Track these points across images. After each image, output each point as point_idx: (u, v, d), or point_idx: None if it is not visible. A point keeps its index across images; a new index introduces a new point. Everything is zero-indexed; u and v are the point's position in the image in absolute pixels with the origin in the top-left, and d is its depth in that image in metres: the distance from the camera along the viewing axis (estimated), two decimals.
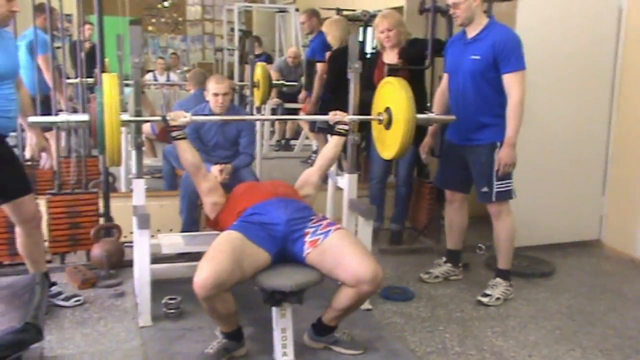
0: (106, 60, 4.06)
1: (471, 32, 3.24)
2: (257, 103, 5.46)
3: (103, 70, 3.76)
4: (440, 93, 3.53)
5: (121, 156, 2.74)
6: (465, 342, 2.93)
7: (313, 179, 3.06)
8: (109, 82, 2.63)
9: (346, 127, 3.09)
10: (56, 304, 3.12)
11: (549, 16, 4.09)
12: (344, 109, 3.15)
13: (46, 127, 3.81)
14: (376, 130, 3.21)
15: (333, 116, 3.10)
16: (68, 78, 4.63)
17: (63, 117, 2.75)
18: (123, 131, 5.01)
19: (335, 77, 4.63)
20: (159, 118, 2.89)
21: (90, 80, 4.15)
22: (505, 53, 3.13)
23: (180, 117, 2.85)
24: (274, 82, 5.92)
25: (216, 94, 3.70)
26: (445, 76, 3.49)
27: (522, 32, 3.94)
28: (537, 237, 4.23)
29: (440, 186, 3.71)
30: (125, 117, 2.83)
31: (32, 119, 2.88)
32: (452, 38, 3.46)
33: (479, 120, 3.26)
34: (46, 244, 3.44)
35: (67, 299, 3.15)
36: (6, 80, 2.73)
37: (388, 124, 3.02)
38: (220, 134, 3.85)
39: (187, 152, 2.86)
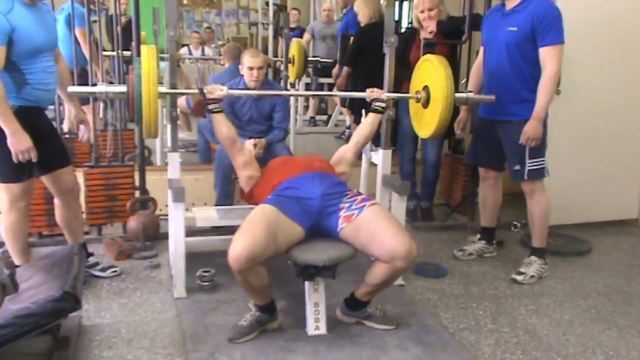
0: (142, 33, 4.08)
1: (510, 4, 3.15)
2: (291, 79, 5.45)
3: (139, 43, 3.80)
4: (477, 67, 3.46)
5: (157, 128, 2.75)
6: (499, 320, 2.91)
7: (348, 156, 3.04)
8: (147, 54, 2.65)
9: (383, 105, 3.05)
10: (93, 274, 3.19)
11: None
12: (366, 83, 3.11)
13: (84, 101, 3.86)
14: (413, 108, 3.17)
15: (370, 93, 3.07)
16: (105, 51, 4.67)
17: (101, 87, 2.78)
18: (159, 103, 5.09)
19: (357, 51, 4.59)
20: (196, 91, 2.89)
21: (127, 53, 4.18)
22: (543, 25, 3.04)
23: (217, 90, 2.85)
24: (310, 58, 5.91)
25: (251, 68, 3.71)
26: (482, 49, 3.41)
27: (563, 9, 3.85)
28: (574, 215, 4.16)
29: (472, 163, 3.65)
30: (163, 89, 2.85)
31: (71, 88, 2.90)
32: (490, 10, 3.37)
33: (512, 94, 3.18)
34: (84, 215, 3.51)
35: (104, 269, 3.22)
36: (45, 53, 2.77)
37: (426, 103, 2.98)
38: (255, 108, 3.86)
39: (222, 125, 2.86)
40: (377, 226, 2.51)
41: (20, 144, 2.60)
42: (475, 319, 2.91)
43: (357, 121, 4.47)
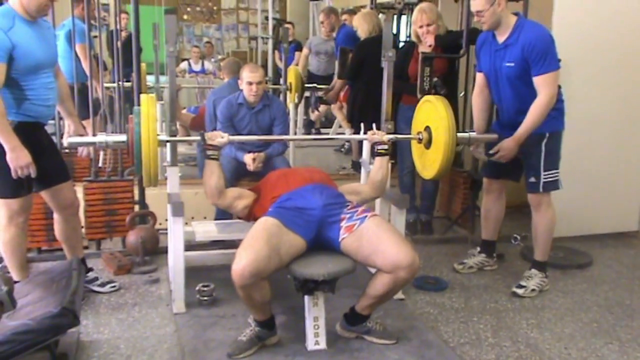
0: (142, 65, 4.09)
1: (501, 37, 3.15)
2: (290, 101, 5.50)
3: (139, 59, 3.82)
4: (478, 93, 3.41)
5: (158, 176, 2.76)
6: (500, 334, 2.89)
7: (363, 190, 3.02)
8: (146, 103, 2.65)
9: (386, 147, 3.03)
10: (92, 289, 3.18)
11: (588, 2, 3.97)
12: (367, 98, 3.11)
13: (84, 115, 3.87)
14: (415, 148, 3.17)
15: (372, 136, 3.06)
16: (105, 68, 4.70)
17: (101, 137, 2.79)
18: (159, 118, 5.10)
19: (357, 65, 4.61)
20: (197, 138, 2.91)
21: (127, 84, 4.21)
22: (533, 56, 3.03)
23: (218, 137, 2.83)
24: (307, 84, 6.00)
25: (250, 83, 3.72)
26: (481, 75, 3.38)
27: (560, 20, 3.88)
28: (574, 227, 4.15)
29: (490, 177, 3.56)
30: (163, 137, 2.86)
31: (71, 139, 2.94)
32: (481, 37, 3.34)
33: (525, 115, 3.16)
34: (83, 230, 3.50)
35: (103, 284, 3.21)
36: (45, 69, 2.78)
37: (428, 143, 2.98)
38: (254, 122, 3.86)
39: (214, 174, 2.81)
40: (379, 236, 2.51)
41: (19, 159, 2.61)
42: (476, 333, 2.90)
43: (356, 134, 4.47)
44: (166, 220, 3.42)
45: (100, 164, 3.05)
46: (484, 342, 2.81)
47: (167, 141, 2.94)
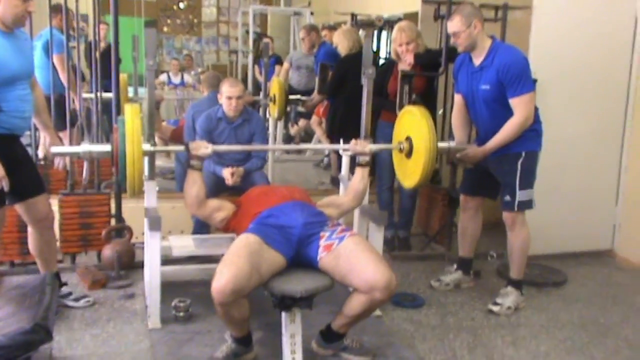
0: (122, 76, 4.06)
1: (477, 59, 3.21)
2: (273, 116, 5.50)
3: (118, 71, 3.79)
4: (457, 113, 3.44)
5: (142, 185, 2.75)
6: (476, 351, 2.91)
7: (342, 202, 3.03)
8: (130, 113, 2.63)
9: (367, 159, 3.06)
10: (66, 304, 3.13)
11: (564, 25, 4.05)
12: (347, 114, 3.11)
13: (60, 127, 3.83)
14: (397, 158, 3.20)
15: (354, 146, 3.07)
16: (83, 79, 4.65)
17: (85, 147, 2.76)
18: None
19: (338, 81, 4.64)
20: (181, 147, 2.89)
21: (106, 95, 4.16)
22: (508, 78, 3.08)
23: (202, 147, 2.82)
24: (291, 97, 6.01)
25: (230, 97, 3.72)
26: (459, 97, 3.42)
27: (537, 41, 3.95)
28: (549, 245, 4.19)
29: (467, 194, 3.60)
30: (147, 147, 2.84)
31: (54, 149, 2.90)
32: (459, 59, 3.39)
33: None
34: (57, 243, 3.45)
35: (77, 299, 3.17)
36: (21, 81, 2.74)
37: (409, 153, 3.01)
38: (233, 137, 3.85)
39: (196, 183, 2.80)
40: (357, 256, 2.51)
41: None
42: (452, 350, 2.91)
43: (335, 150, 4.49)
44: (143, 234, 3.39)
45: (84, 175, 3.00)
46: (460, 359, 2.82)
47: (151, 151, 2.91)
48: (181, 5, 11.47)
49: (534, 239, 3.44)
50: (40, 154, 3.18)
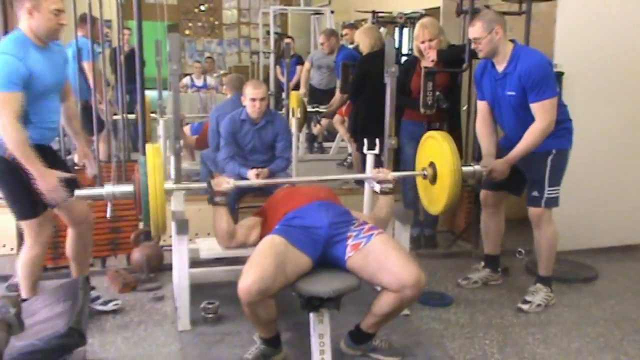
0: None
1: (500, 66, 3.16)
2: (293, 129, 5.52)
3: (142, 77, 3.83)
4: (482, 122, 3.37)
5: (165, 225, 2.70)
6: (506, 350, 2.88)
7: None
8: (152, 153, 2.63)
9: (390, 186, 2.97)
10: (95, 308, 3.13)
11: (590, 16, 3.98)
12: (369, 113, 3.07)
13: (91, 132, 3.86)
14: (421, 185, 3.16)
15: (376, 174, 3.00)
16: (108, 84, 4.73)
17: (108, 188, 2.71)
18: (162, 136, 5.12)
19: (360, 80, 4.63)
20: (203, 184, 2.90)
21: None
22: (530, 84, 3.04)
23: (224, 183, 2.77)
24: (309, 109, 6.07)
25: (253, 99, 3.75)
26: (483, 104, 3.36)
27: (562, 33, 3.90)
28: (579, 241, 4.13)
29: (488, 188, 3.53)
30: (169, 185, 2.84)
31: (78, 192, 2.77)
32: (480, 66, 3.35)
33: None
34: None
35: (105, 303, 3.18)
36: (52, 93, 2.78)
37: (433, 179, 2.96)
38: (257, 138, 3.88)
39: (223, 219, 2.76)
40: (386, 255, 2.50)
41: (48, 184, 2.63)
42: (482, 349, 2.89)
43: (359, 149, 4.48)
44: (170, 236, 3.43)
45: (108, 215, 3.01)
46: (490, 358, 2.80)
47: (174, 189, 2.95)
48: (202, 8, 11.55)
49: (562, 234, 3.40)
50: (76, 159, 3.21)
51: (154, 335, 2.96)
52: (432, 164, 2.98)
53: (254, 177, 3.73)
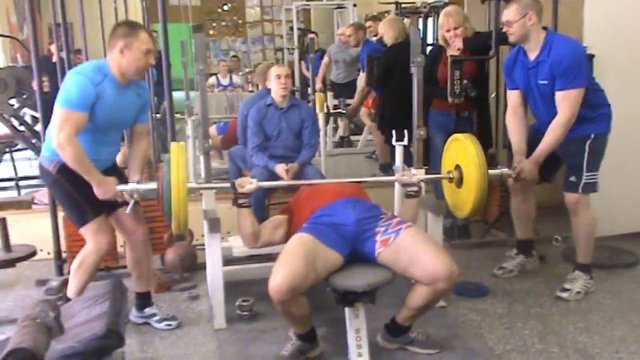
0: None
1: (532, 54, 3.09)
2: (321, 126, 5.52)
3: (169, 76, 3.85)
4: (512, 115, 3.30)
5: (187, 223, 2.70)
6: (547, 339, 2.83)
7: None
8: (176, 151, 2.65)
9: (416, 189, 2.90)
10: (152, 325, 3.07)
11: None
12: (397, 105, 3.04)
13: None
14: (447, 189, 3.10)
15: (401, 177, 2.94)
16: None
17: (132, 186, 2.74)
18: (191, 136, 5.15)
19: (385, 72, 4.58)
20: (227, 185, 2.90)
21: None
22: (560, 71, 2.97)
23: (247, 183, 2.76)
24: (332, 111, 6.13)
25: (279, 76, 3.81)
26: (514, 93, 3.28)
27: (591, 15, 3.80)
28: (617, 226, 4.03)
29: None
30: (192, 184, 2.84)
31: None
32: (511, 56, 3.26)
33: None
34: (121, 249, 3.54)
35: (160, 321, 3.07)
36: (111, 131, 2.81)
37: (459, 182, 2.89)
38: (283, 121, 3.90)
39: (247, 220, 2.76)
40: (416, 248, 2.47)
41: (106, 193, 2.67)
42: (522, 339, 2.84)
43: (387, 141, 4.44)
44: (203, 236, 3.44)
45: (127, 212, 2.97)
46: (530, 348, 2.75)
47: (197, 189, 2.97)
48: (225, 7, 11.59)
49: (600, 219, 3.32)
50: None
51: (190, 335, 2.98)
52: (457, 167, 2.89)
53: (283, 173, 3.72)
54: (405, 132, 3.37)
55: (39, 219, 3.96)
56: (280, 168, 3.75)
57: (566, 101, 2.99)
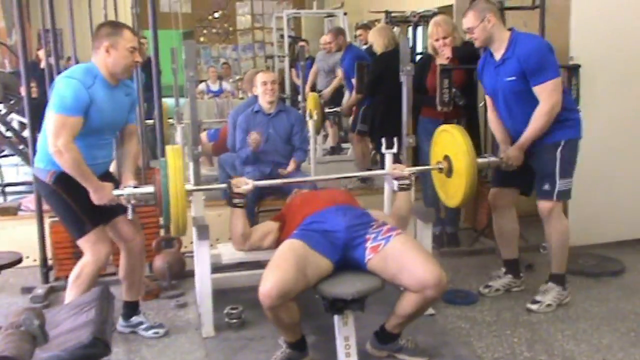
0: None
1: (497, 53, 3.12)
2: (313, 132, 5.52)
3: (159, 84, 3.84)
4: (492, 114, 3.33)
5: (186, 225, 2.72)
6: (535, 347, 2.83)
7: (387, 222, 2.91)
8: (172, 154, 2.64)
9: (407, 182, 2.96)
10: (138, 333, 3.04)
11: (605, 7, 3.91)
12: (386, 113, 3.06)
13: None
14: (437, 179, 3.14)
15: (393, 170, 3.01)
16: None
17: (129, 190, 2.71)
18: (180, 143, 5.14)
19: (375, 80, 4.60)
20: (223, 185, 2.91)
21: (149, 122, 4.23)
22: (530, 66, 2.99)
23: (243, 184, 2.79)
24: (327, 110, 6.12)
25: (265, 83, 3.83)
26: (489, 100, 3.32)
27: (578, 26, 3.84)
28: (604, 234, 4.06)
29: (498, 185, 3.46)
30: (190, 187, 2.86)
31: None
32: (481, 60, 3.30)
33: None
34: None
35: (147, 329, 3.04)
36: (106, 133, 2.79)
37: (449, 172, 2.96)
38: (271, 127, 3.90)
39: (239, 220, 2.79)
40: (405, 256, 2.48)
41: (102, 198, 2.65)
42: (511, 347, 2.84)
43: (377, 149, 4.46)
44: (192, 243, 3.43)
45: (129, 216, 2.94)
46: (519, 356, 2.76)
47: (194, 190, 2.97)
48: (216, 15, 11.61)
49: (587, 227, 3.35)
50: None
51: (178, 343, 2.96)
52: (447, 157, 2.97)
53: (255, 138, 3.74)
54: (395, 139, 3.38)
55: (24, 226, 3.93)
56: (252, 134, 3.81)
57: (544, 93, 3.00)
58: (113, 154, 3.00)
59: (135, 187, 2.73)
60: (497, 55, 3.13)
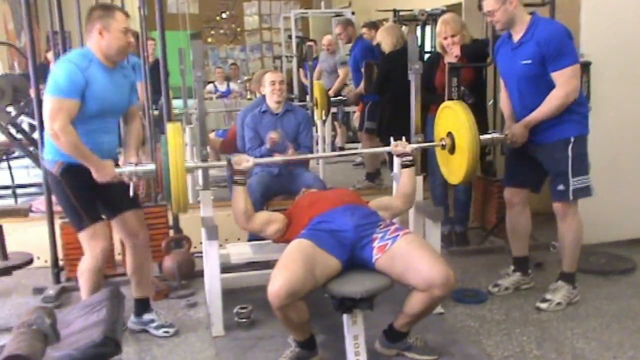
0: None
1: (516, 36, 3.09)
2: (317, 117, 5.53)
3: (167, 86, 3.86)
4: (505, 98, 3.34)
5: (187, 202, 2.73)
6: (544, 345, 2.83)
7: (395, 205, 2.95)
8: (172, 132, 2.66)
9: (410, 159, 2.98)
10: (149, 331, 3.06)
11: (615, 3, 3.90)
12: (395, 112, 3.08)
13: None
14: (441, 156, 3.15)
15: (395, 147, 3.01)
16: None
17: (130, 167, 2.73)
18: (189, 144, 5.16)
19: (383, 79, 4.61)
20: (224, 163, 2.92)
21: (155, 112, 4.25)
22: (550, 51, 2.96)
23: (243, 161, 2.80)
24: (332, 98, 6.09)
25: (273, 82, 3.84)
26: (503, 82, 3.33)
27: (588, 22, 3.82)
28: (614, 232, 4.03)
29: (513, 185, 3.43)
30: (190, 163, 2.87)
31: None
32: (499, 41, 3.29)
33: (546, 120, 3.09)
34: (119, 256, 3.53)
35: (158, 327, 3.06)
36: (107, 116, 2.79)
37: (452, 149, 2.96)
38: (279, 126, 3.91)
39: (241, 198, 2.79)
40: (412, 255, 2.48)
41: (104, 176, 2.67)
42: (520, 345, 2.84)
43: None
44: (201, 243, 3.44)
45: (141, 189, 2.95)
46: (528, 354, 2.75)
47: (194, 167, 2.97)
48: (224, 15, 11.62)
49: (597, 225, 3.33)
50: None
51: (188, 342, 2.97)
52: (449, 134, 2.97)
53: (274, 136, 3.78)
54: (403, 138, 3.38)
55: (35, 227, 3.96)
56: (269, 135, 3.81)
57: (562, 78, 2.98)
58: (117, 137, 2.99)
59: (137, 165, 2.74)
60: (516, 37, 3.10)
